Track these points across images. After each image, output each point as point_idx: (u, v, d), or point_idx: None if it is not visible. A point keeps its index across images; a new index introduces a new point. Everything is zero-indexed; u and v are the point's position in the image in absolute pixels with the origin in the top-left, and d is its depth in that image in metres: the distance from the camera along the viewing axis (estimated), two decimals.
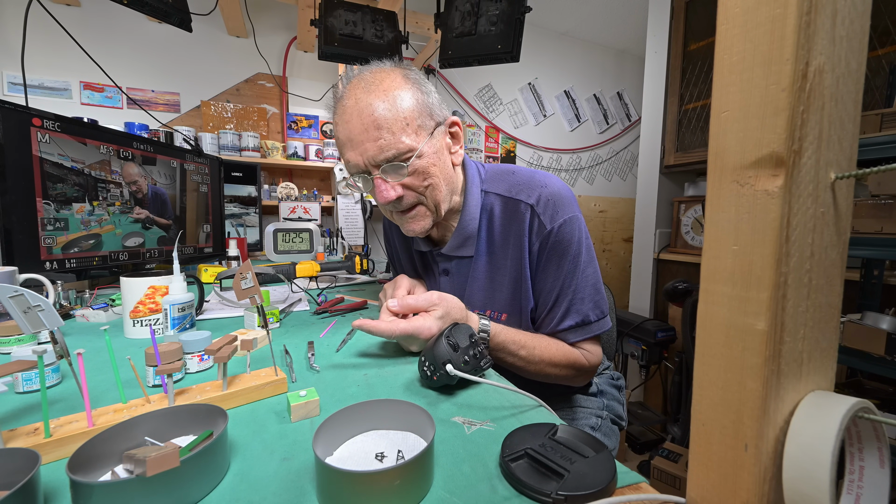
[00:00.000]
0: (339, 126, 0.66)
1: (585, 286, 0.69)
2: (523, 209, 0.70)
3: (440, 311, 0.59)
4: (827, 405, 0.24)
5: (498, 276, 0.74)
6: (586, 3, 2.78)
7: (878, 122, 1.26)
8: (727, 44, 0.24)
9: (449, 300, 0.61)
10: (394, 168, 0.64)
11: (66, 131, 0.86)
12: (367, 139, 0.62)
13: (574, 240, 0.68)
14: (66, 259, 0.86)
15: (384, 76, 0.64)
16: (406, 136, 0.63)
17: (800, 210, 0.23)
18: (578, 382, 0.75)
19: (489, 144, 2.98)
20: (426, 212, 0.70)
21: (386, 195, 0.65)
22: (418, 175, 0.66)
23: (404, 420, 0.39)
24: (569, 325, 0.69)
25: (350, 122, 0.63)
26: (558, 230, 0.67)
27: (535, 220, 0.69)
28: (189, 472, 0.30)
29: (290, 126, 2.42)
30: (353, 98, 0.63)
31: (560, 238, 0.68)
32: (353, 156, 0.65)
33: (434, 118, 0.67)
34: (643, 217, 2.28)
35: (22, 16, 0.94)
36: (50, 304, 0.38)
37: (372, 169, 0.64)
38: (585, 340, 0.71)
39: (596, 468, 0.33)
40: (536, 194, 0.69)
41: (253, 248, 1.78)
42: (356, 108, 0.62)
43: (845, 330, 1.21)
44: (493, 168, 0.79)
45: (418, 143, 0.64)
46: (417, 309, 0.60)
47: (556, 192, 0.69)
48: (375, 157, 0.63)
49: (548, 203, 0.68)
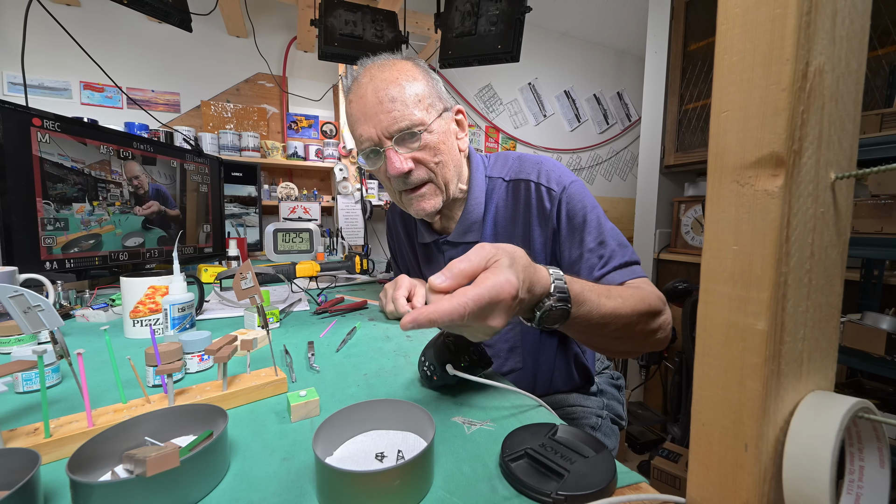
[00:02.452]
0: (354, 103, 0.69)
1: (616, 235, 0.69)
2: (525, 187, 0.73)
3: (505, 259, 0.39)
4: (827, 405, 0.24)
5: None
6: (586, 3, 2.78)
7: (878, 122, 1.26)
8: (727, 44, 0.24)
9: (503, 245, 0.42)
10: (407, 138, 0.67)
11: (66, 131, 0.86)
12: (381, 111, 0.66)
13: (586, 196, 0.71)
14: (66, 259, 0.86)
15: (397, 61, 0.70)
16: (418, 111, 0.67)
17: (800, 210, 0.23)
18: (660, 340, 0.62)
19: (489, 144, 2.98)
20: (436, 190, 0.72)
21: (399, 166, 0.67)
22: (429, 150, 0.69)
23: (404, 420, 0.39)
24: (616, 265, 0.65)
25: (365, 97, 0.67)
26: (569, 188, 0.70)
27: (542, 190, 0.71)
28: (189, 472, 0.30)
29: (290, 126, 2.42)
30: (369, 75, 0.68)
31: (572, 196, 0.70)
32: (366, 129, 0.67)
33: (442, 102, 0.72)
34: (643, 217, 2.28)
35: (22, 16, 0.94)
36: (50, 304, 0.38)
37: (384, 140, 0.67)
38: (636, 279, 0.65)
39: (596, 468, 0.33)
40: (535, 170, 0.73)
41: (253, 248, 1.78)
42: (371, 83, 0.67)
43: (845, 330, 1.21)
44: (494, 155, 0.83)
45: (429, 120, 0.68)
46: (474, 271, 0.39)
47: (554, 164, 0.74)
48: (389, 128, 0.66)
49: (549, 173, 0.72)
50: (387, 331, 0.74)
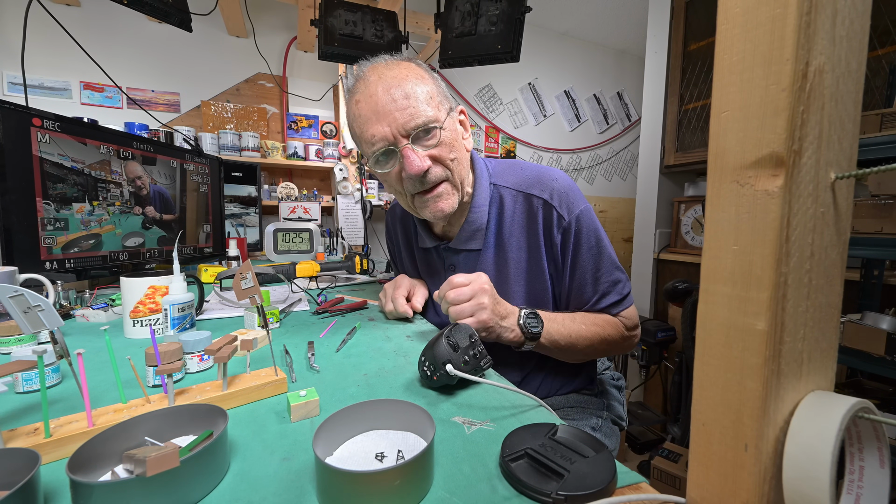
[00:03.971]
0: (362, 102, 0.65)
1: (612, 265, 0.73)
2: (536, 203, 0.72)
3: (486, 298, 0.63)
4: (827, 405, 0.24)
5: (506, 269, 0.75)
6: (586, 3, 2.77)
7: (878, 122, 1.26)
8: (727, 44, 0.24)
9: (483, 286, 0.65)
10: (422, 135, 0.65)
11: (66, 131, 0.86)
12: (396, 108, 0.63)
13: (593, 227, 0.72)
14: (66, 259, 0.86)
15: (401, 61, 0.68)
16: (431, 108, 0.65)
17: (800, 210, 0.23)
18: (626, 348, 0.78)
19: (489, 144, 2.98)
20: (452, 189, 0.70)
21: (418, 165, 0.64)
22: (445, 146, 0.67)
23: (404, 420, 0.39)
24: (611, 302, 0.73)
25: (375, 95, 0.64)
26: (577, 221, 0.71)
27: (553, 213, 0.71)
28: (189, 472, 0.30)
29: (290, 126, 2.42)
30: (377, 74, 0.65)
31: (580, 227, 0.71)
32: (379, 128, 0.64)
33: (448, 102, 0.70)
34: (643, 217, 2.28)
35: (22, 16, 0.94)
36: (50, 304, 0.38)
37: (400, 139, 0.64)
38: (625, 309, 0.75)
39: (596, 468, 0.33)
40: (549, 189, 0.72)
41: (253, 248, 1.78)
42: (381, 82, 0.64)
43: (845, 330, 1.21)
44: (500, 163, 0.81)
45: (442, 117, 0.67)
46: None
47: (567, 185, 0.73)
48: (406, 125, 0.63)
49: (562, 197, 0.71)
50: (387, 331, 0.74)
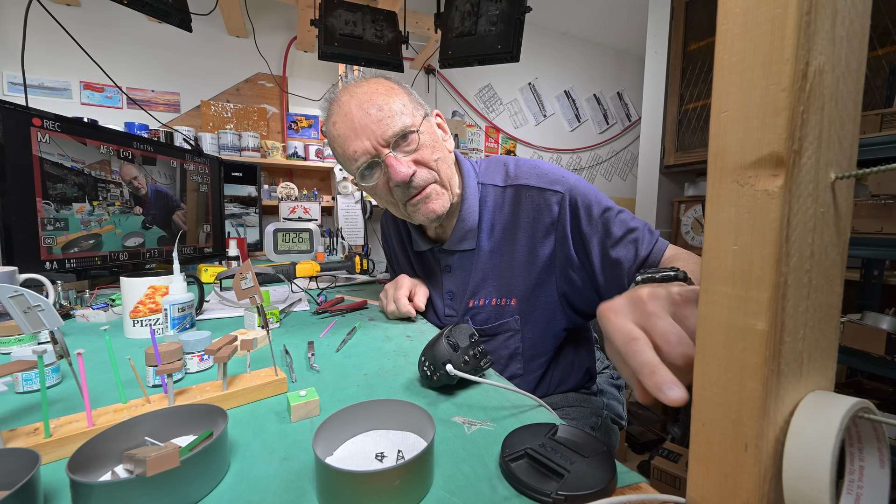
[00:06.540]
0: (339, 123, 0.67)
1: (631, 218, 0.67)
2: (527, 193, 0.72)
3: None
4: (827, 405, 0.24)
5: (503, 264, 0.75)
6: (586, 3, 2.78)
7: (878, 122, 1.26)
8: (727, 44, 0.24)
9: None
10: (401, 142, 0.67)
11: (66, 131, 0.86)
12: (371, 121, 0.65)
13: (591, 191, 0.70)
14: (66, 259, 0.86)
15: (369, 79, 0.70)
16: (406, 115, 0.67)
17: (800, 210, 0.23)
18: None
19: (489, 144, 2.98)
20: (441, 189, 0.71)
21: (403, 171, 0.65)
22: (426, 149, 0.69)
23: (404, 420, 0.39)
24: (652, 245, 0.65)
25: (350, 113, 0.66)
26: (573, 189, 0.70)
27: (546, 195, 0.71)
28: (189, 472, 0.30)
29: (290, 126, 2.42)
30: (348, 94, 0.68)
31: (580, 193, 0.69)
32: (359, 143, 0.66)
33: (422, 108, 0.72)
34: (643, 217, 2.28)
35: (22, 16, 0.94)
36: (50, 304, 0.38)
37: (381, 150, 0.66)
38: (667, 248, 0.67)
39: (596, 468, 0.33)
40: (534, 174, 0.73)
41: (253, 248, 1.78)
42: (353, 100, 0.66)
43: (845, 330, 1.21)
44: (484, 161, 0.82)
45: (417, 122, 0.68)
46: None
47: (550, 166, 0.74)
48: (384, 134, 0.65)
49: (548, 175, 0.72)
50: (387, 331, 0.74)
